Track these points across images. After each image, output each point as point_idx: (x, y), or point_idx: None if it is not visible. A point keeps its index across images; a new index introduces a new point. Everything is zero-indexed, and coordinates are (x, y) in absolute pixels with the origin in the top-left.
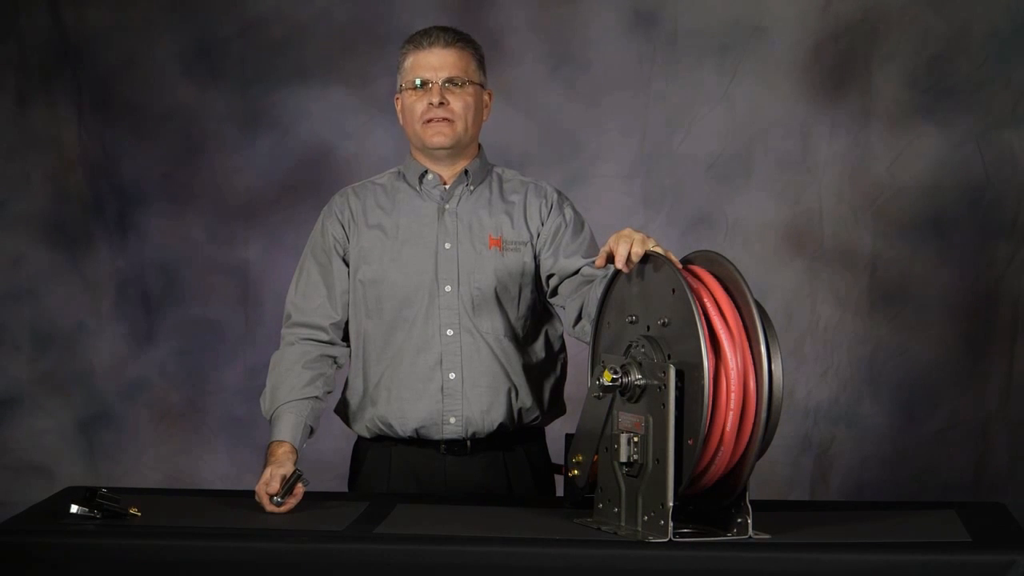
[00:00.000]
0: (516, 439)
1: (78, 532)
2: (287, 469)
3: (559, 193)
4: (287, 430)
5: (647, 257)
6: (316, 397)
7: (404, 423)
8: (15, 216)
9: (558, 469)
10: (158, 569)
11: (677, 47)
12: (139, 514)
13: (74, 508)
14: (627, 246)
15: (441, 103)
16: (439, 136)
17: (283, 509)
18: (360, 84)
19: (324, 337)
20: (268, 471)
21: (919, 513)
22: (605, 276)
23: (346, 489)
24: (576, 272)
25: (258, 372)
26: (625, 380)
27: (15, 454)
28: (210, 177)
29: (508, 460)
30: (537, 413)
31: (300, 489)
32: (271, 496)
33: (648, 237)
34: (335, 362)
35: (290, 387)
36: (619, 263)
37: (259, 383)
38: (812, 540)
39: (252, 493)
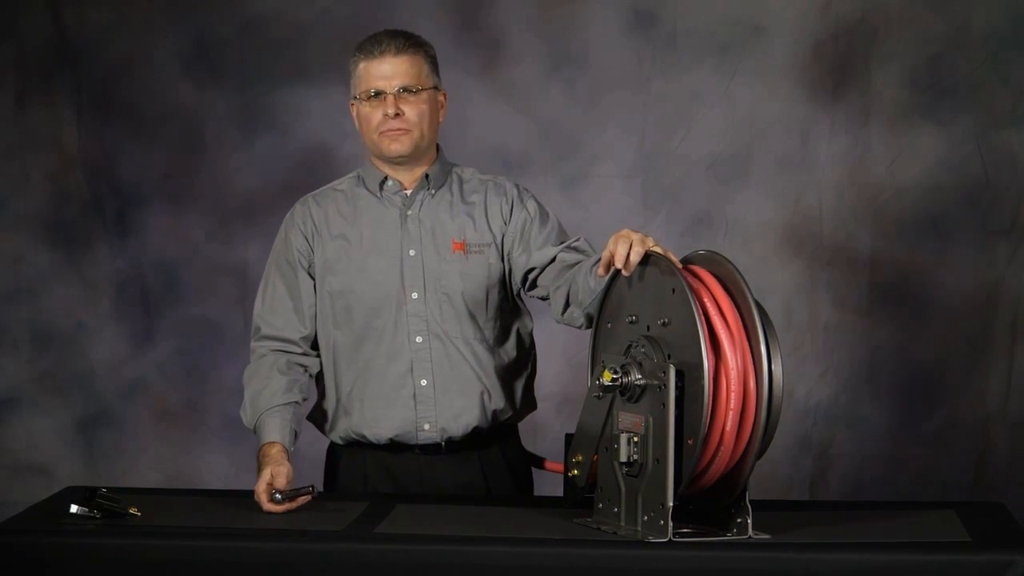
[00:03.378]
0: (491, 438)
1: (78, 532)
2: (287, 467)
3: (518, 188)
4: (276, 431)
5: (647, 257)
6: (296, 402)
7: (378, 433)
8: (15, 216)
9: (537, 462)
10: (158, 569)
11: (677, 47)
12: (139, 514)
13: (74, 508)
14: (626, 246)
15: (397, 114)
16: (396, 144)
17: (280, 509)
18: None
19: (295, 349)
20: (268, 470)
21: (919, 513)
22: (593, 262)
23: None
24: (553, 260)
25: None
26: (625, 380)
27: (15, 454)
28: (210, 177)
29: (483, 458)
30: (511, 412)
31: (303, 499)
32: (274, 492)
33: (647, 237)
34: (307, 371)
35: (271, 393)
36: (618, 263)
37: None
38: (812, 540)
39: (252, 493)
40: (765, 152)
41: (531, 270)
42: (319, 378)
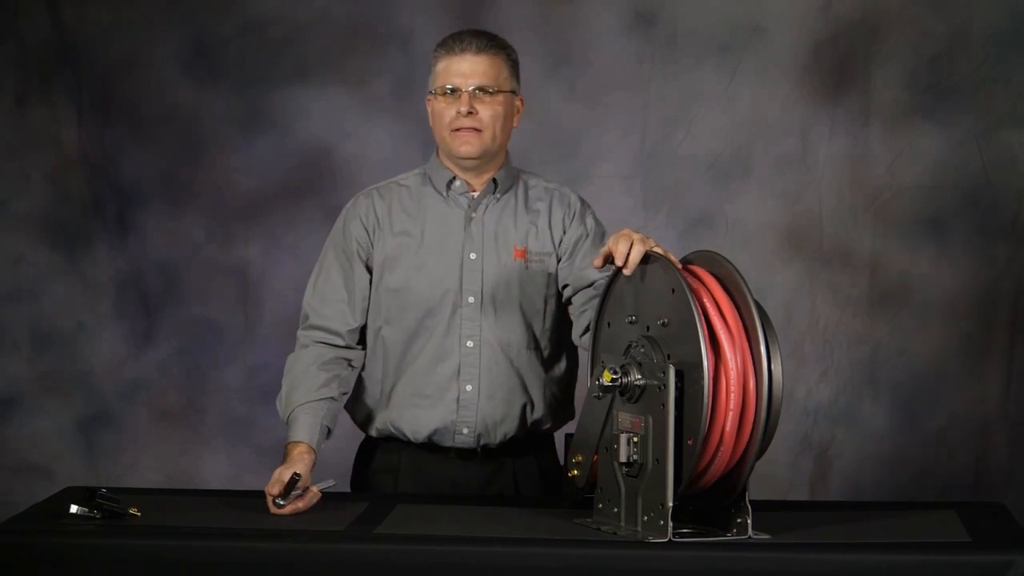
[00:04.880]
0: (527, 447)
1: (78, 532)
2: (296, 468)
3: (582, 202)
4: (303, 430)
5: (647, 257)
6: (332, 398)
7: (416, 431)
8: (15, 216)
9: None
10: (157, 569)
11: (677, 47)
12: (139, 514)
13: (74, 508)
14: (627, 245)
15: (469, 112)
16: (466, 146)
17: (285, 511)
18: (360, 84)
19: (340, 342)
20: (276, 472)
21: (919, 513)
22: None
23: (347, 488)
24: (591, 285)
25: (257, 372)
26: (625, 380)
27: (15, 454)
28: (210, 177)
29: (517, 465)
30: (549, 423)
31: (312, 493)
32: (274, 498)
33: (647, 237)
34: (350, 364)
35: (306, 388)
36: (619, 261)
37: (259, 383)
38: (812, 540)
39: (251, 493)
40: (765, 152)
41: (566, 286)
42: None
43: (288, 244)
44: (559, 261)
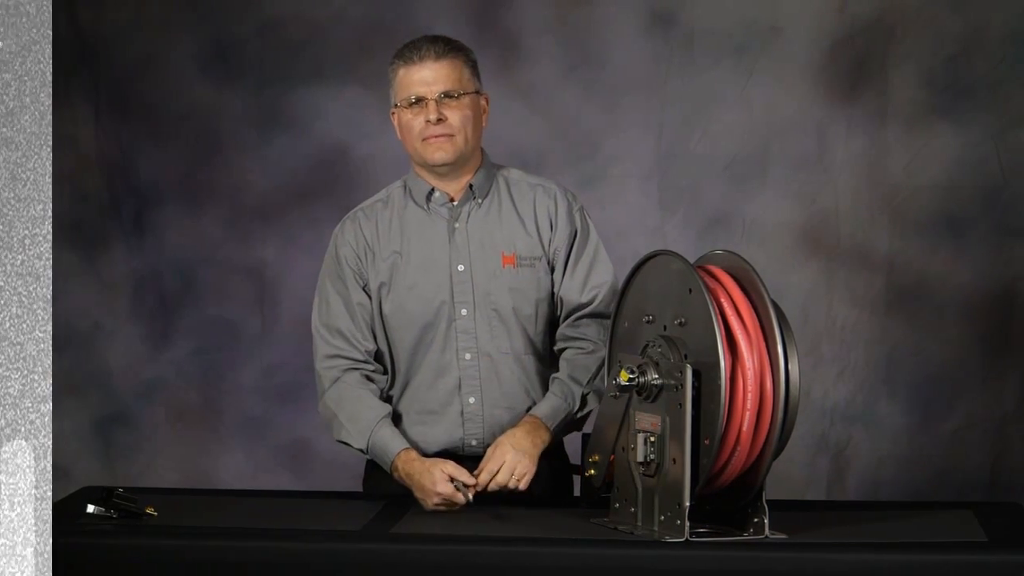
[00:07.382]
0: None
1: (94, 532)
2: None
3: (568, 196)
4: (400, 439)
5: (663, 256)
6: (390, 412)
7: (427, 446)
8: None
9: (575, 469)
10: (174, 569)
11: (693, 48)
12: (155, 514)
13: (91, 508)
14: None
15: (439, 119)
16: (440, 152)
17: (463, 501)
18: (377, 84)
19: (367, 368)
20: (437, 469)
21: (936, 513)
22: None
23: (360, 489)
24: (574, 312)
25: (274, 372)
26: (642, 380)
27: None
28: (227, 177)
29: None
30: None
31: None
32: (460, 485)
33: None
34: (377, 386)
35: (368, 407)
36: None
37: (275, 383)
38: (828, 540)
39: (268, 493)
40: (782, 152)
41: (562, 300)
42: None
43: (305, 244)
44: (551, 263)
